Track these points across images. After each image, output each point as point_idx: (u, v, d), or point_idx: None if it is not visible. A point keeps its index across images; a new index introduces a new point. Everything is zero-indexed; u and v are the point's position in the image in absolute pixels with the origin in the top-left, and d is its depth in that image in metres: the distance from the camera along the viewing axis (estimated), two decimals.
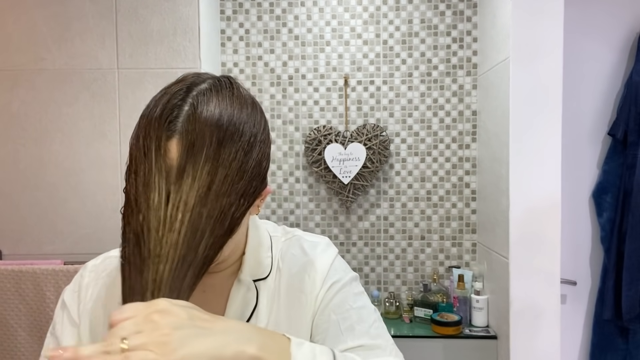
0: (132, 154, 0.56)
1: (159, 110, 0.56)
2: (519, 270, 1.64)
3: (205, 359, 0.47)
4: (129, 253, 0.53)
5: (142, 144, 0.55)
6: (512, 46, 1.63)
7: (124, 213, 0.55)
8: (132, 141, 0.57)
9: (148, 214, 0.53)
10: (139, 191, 0.54)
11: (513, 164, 1.64)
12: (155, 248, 0.53)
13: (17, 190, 1.75)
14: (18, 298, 1.65)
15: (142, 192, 0.54)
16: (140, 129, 0.57)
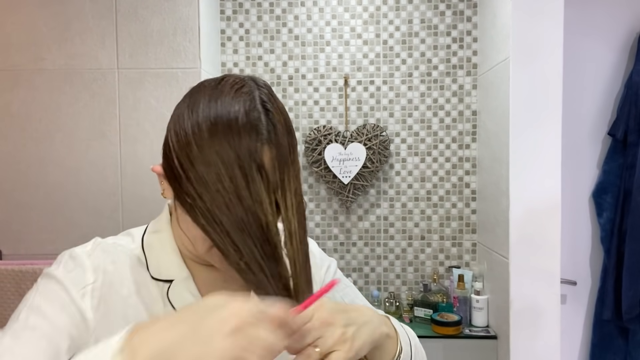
0: (213, 161, 0.58)
1: (242, 120, 0.58)
2: (519, 270, 1.64)
3: (368, 345, 0.60)
4: (254, 258, 0.57)
5: (234, 157, 0.57)
6: (512, 46, 1.63)
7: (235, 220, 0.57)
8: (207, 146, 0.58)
9: (268, 223, 0.58)
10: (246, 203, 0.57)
11: (513, 164, 1.64)
12: (281, 252, 0.59)
13: (17, 190, 1.75)
14: (18, 298, 1.65)
15: (251, 203, 0.57)
16: (218, 141, 0.58)
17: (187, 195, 0.59)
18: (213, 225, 0.58)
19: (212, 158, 0.58)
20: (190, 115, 0.60)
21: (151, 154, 1.75)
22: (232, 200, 0.57)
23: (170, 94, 1.75)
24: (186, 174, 0.59)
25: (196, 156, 0.58)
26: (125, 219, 1.74)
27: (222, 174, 0.57)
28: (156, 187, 1.85)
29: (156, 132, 1.75)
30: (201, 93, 0.62)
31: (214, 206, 0.57)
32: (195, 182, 0.58)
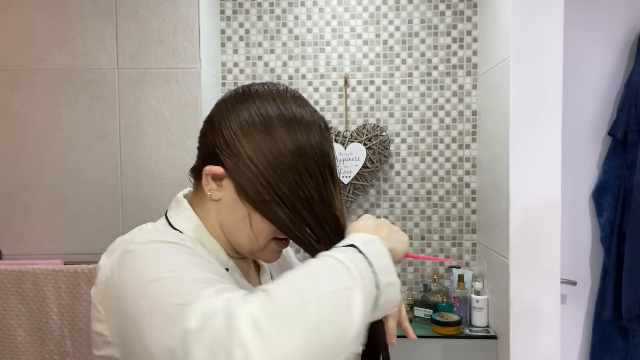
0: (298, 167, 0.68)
1: (321, 135, 0.71)
2: (519, 270, 1.64)
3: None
4: (328, 241, 0.68)
5: (314, 164, 0.69)
6: (512, 46, 1.63)
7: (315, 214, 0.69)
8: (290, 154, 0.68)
9: (343, 213, 0.72)
10: (316, 201, 0.69)
11: (513, 164, 1.64)
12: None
13: (17, 190, 1.75)
14: (18, 298, 1.65)
15: (321, 201, 0.69)
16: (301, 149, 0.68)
17: (265, 195, 0.67)
18: (295, 221, 0.68)
19: (296, 163, 0.67)
20: (267, 126, 0.68)
21: (151, 154, 1.75)
22: (313, 198, 0.68)
23: (170, 94, 1.75)
24: (266, 176, 0.67)
25: (279, 162, 0.67)
26: (125, 219, 1.74)
27: (305, 177, 0.68)
28: (156, 187, 1.84)
29: (156, 132, 1.75)
30: (265, 104, 0.70)
31: (297, 204, 0.67)
32: (275, 184, 0.67)
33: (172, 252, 0.62)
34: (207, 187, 0.71)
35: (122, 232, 0.75)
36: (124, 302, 0.57)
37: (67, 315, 1.64)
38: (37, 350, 1.66)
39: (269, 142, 0.67)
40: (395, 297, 0.60)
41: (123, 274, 0.60)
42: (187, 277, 0.56)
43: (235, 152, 0.68)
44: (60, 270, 1.64)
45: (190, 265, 0.59)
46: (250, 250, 0.73)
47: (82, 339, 1.65)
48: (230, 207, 0.71)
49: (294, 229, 0.68)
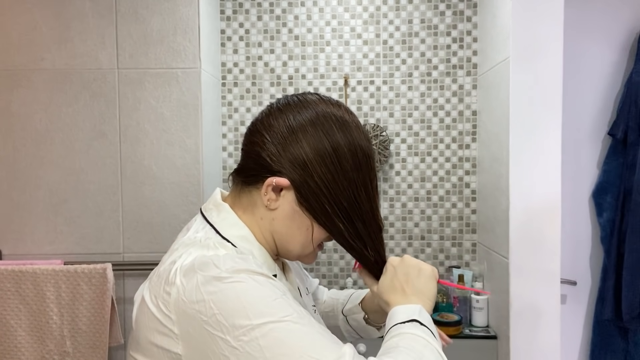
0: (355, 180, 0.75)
1: (371, 149, 0.78)
2: (519, 270, 1.64)
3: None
4: (375, 251, 0.81)
5: (367, 179, 0.76)
6: (512, 46, 1.63)
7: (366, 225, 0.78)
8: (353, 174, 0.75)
9: (382, 222, 0.81)
10: (368, 213, 0.77)
11: (513, 164, 1.64)
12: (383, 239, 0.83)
13: (17, 190, 1.75)
14: (18, 298, 1.65)
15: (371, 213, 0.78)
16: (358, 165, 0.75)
17: (327, 207, 0.73)
18: (350, 231, 0.76)
19: (354, 177, 0.74)
20: (331, 141, 0.73)
21: (151, 154, 1.75)
22: (365, 209, 0.76)
23: (170, 94, 1.75)
24: (329, 190, 0.73)
25: (340, 176, 0.73)
26: (125, 219, 1.74)
27: (360, 190, 0.75)
28: (156, 187, 1.84)
29: (156, 132, 1.75)
30: (327, 119, 0.74)
31: (353, 215, 0.75)
32: (337, 197, 0.73)
33: (276, 292, 0.65)
34: (267, 197, 0.74)
35: (122, 232, 0.76)
36: (230, 334, 0.60)
37: (67, 315, 1.64)
38: (37, 350, 1.66)
39: (335, 159, 0.73)
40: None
41: (222, 306, 0.61)
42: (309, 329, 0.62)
43: (303, 167, 0.72)
44: (60, 270, 1.64)
45: (300, 312, 0.64)
46: (297, 255, 0.80)
47: (82, 339, 1.65)
48: (289, 217, 0.75)
49: (349, 239, 0.77)
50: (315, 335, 0.61)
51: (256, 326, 0.59)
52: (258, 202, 0.75)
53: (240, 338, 0.59)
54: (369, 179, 0.76)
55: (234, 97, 2.17)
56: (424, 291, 0.76)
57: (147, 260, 1.70)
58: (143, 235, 1.74)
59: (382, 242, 0.81)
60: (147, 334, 0.65)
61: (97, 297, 1.64)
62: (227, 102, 2.16)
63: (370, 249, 0.79)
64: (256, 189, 0.75)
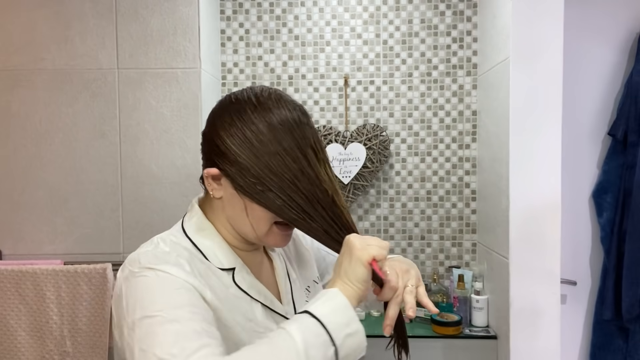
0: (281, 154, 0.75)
1: (294, 118, 0.77)
2: (519, 270, 1.64)
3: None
4: (325, 219, 0.77)
5: (295, 145, 0.76)
6: (512, 46, 1.63)
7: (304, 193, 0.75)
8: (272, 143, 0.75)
9: (333, 187, 0.78)
10: (302, 181, 0.75)
11: (513, 164, 1.64)
12: (343, 205, 0.79)
13: (17, 190, 1.75)
14: (18, 298, 1.65)
15: (313, 174, 0.76)
16: (279, 136, 0.75)
17: (257, 185, 0.75)
18: (287, 203, 0.75)
19: (276, 149, 0.74)
20: (245, 122, 0.76)
21: (151, 154, 1.75)
22: (299, 178, 0.75)
23: (170, 94, 1.75)
24: (253, 168, 0.74)
25: (261, 151, 0.74)
26: (125, 219, 1.74)
27: (287, 160, 0.74)
28: (156, 187, 1.85)
29: (156, 132, 1.75)
30: (242, 104, 0.78)
31: (285, 187, 0.74)
32: (262, 172, 0.74)
33: (165, 289, 0.70)
34: (210, 187, 0.81)
35: (122, 232, 0.79)
36: (126, 327, 0.68)
37: (67, 315, 1.64)
38: (37, 350, 1.66)
39: (251, 137, 0.75)
40: (360, 343, 0.69)
41: (128, 299, 0.69)
42: (171, 327, 0.64)
43: (225, 152, 0.77)
44: (60, 270, 1.64)
45: (177, 308, 0.67)
46: (256, 237, 0.81)
47: (82, 339, 1.65)
48: (230, 202, 0.79)
49: (288, 211, 0.76)
50: (175, 334, 0.63)
51: (137, 320, 0.66)
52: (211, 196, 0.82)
53: (130, 331, 0.66)
54: (296, 146, 0.75)
55: None
56: (348, 273, 0.71)
57: None
58: (143, 235, 1.72)
59: (336, 210, 0.77)
60: None
61: (97, 297, 1.64)
62: None
63: (318, 220, 0.76)
64: (206, 185, 0.82)
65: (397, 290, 0.75)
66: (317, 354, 0.63)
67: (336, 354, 0.65)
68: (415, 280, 0.78)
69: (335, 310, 0.68)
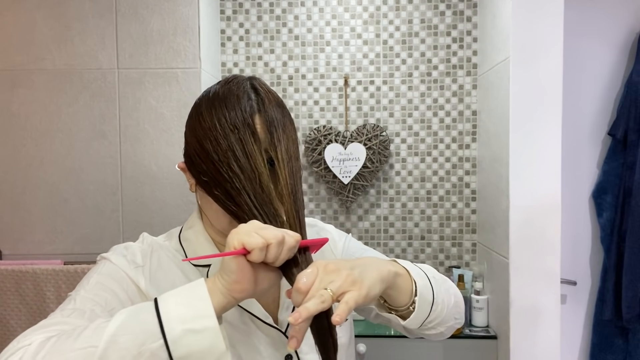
0: (213, 135, 0.69)
1: (233, 97, 0.72)
2: (519, 270, 1.64)
3: (378, 284, 0.65)
4: (250, 206, 0.67)
5: (231, 127, 0.69)
6: (512, 46, 1.63)
7: (229, 182, 0.68)
8: (208, 125, 0.71)
9: (259, 174, 0.68)
10: (241, 161, 0.68)
11: (513, 164, 1.64)
12: (274, 197, 0.68)
13: (17, 190, 1.75)
14: (18, 298, 1.65)
15: (245, 160, 0.68)
16: (217, 116, 0.70)
17: (202, 174, 0.71)
18: (220, 190, 0.68)
19: (213, 132, 0.69)
20: (195, 107, 0.76)
21: (151, 153, 1.75)
22: (231, 163, 0.68)
23: (170, 94, 1.75)
24: (198, 155, 0.71)
25: (201, 135, 0.71)
26: (125, 219, 1.74)
27: (221, 143, 0.69)
28: (156, 187, 1.85)
29: (156, 132, 1.75)
30: (201, 95, 0.78)
31: (220, 172, 0.68)
32: (204, 159, 0.70)
33: (98, 272, 0.77)
34: (189, 182, 0.79)
35: (122, 232, 0.81)
36: None
37: None
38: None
39: (196, 124, 0.73)
40: (210, 345, 0.56)
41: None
42: (68, 304, 0.72)
43: (185, 144, 0.77)
44: (60, 270, 1.64)
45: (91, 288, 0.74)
46: (224, 231, 0.73)
47: None
48: (200, 196, 0.78)
49: (229, 204, 0.68)
50: (65, 307, 0.71)
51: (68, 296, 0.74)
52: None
53: None
54: (234, 126, 0.69)
55: None
56: (223, 263, 0.64)
57: None
58: None
59: (272, 204, 0.67)
60: None
61: None
62: None
63: (248, 212, 0.67)
64: None
65: (306, 294, 0.60)
66: (128, 342, 0.55)
67: (167, 348, 0.55)
68: (342, 283, 0.61)
69: (187, 301, 0.58)
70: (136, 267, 0.76)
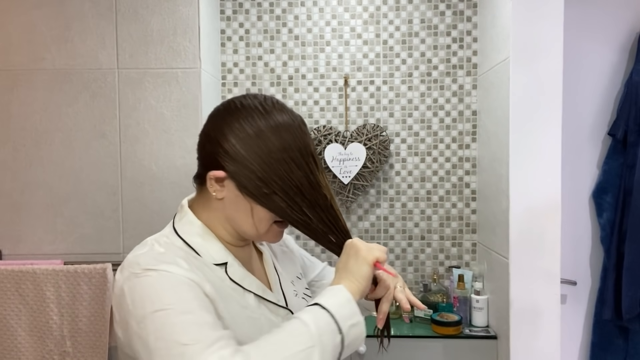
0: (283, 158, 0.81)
1: (296, 126, 0.83)
2: (519, 270, 1.64)
3: None
4: (322, 222, 0.85)
5: (298, 153, 0.82)
6: (512, 46, 1.63)
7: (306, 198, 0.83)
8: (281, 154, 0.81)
9: (330, 193, 0.86)
10: (305, 187, 0.82)
11: (513, 164, 1.64)
12: (338, 210, 0.87)
13: (17, 190, 1.75)
14: (18, 298, 1.65)
15: (309, 185, 0.83)
16: (284, 143, 0.81)
17: (263, 188, 0.80)
18: (290, 206, 0.81)
19: (282, 156, 0.80)
20: (254, 129, 0.81)
21: (151, 154, 1.75)
22: (302, 183, 0.82)
23: (170, 94, 1.75)
24: (260, 172, 0.80)
25: (269, 157, 0.80)
26: (125, 219, 1.74)
27: (292, 166, 0.81)
28: (156, 187, 1.84)
29: (156, 132, 1.75)
30: (249, 111, 0.83)
31: (289, 191, 0.81)
32: (269, 177, 0.80)
33: (170, 286, 0.74)
34: (212, 189, 0.84)
35: (122, 232, 0.79)
36: (134, 320, 0.72)
37: (67, 315, 1.64)
38: (37, 350, 1.66)
39: (260, 144, 0.80)
40: (361, 333, 0.78)
41: (133, 297, 0.74)
42: (185, 317, 0.70)
43: (233, 157, 0.81)
44: (60, 270, 1.64)
45: (186, 301, 0.73)
46: (255, 235, 0.87)
47: (82, 339, 1.65)
48: (234, 202, 0.84)
49: (291, 214, 0.82)
50: (191, 319, 0.70)
51: (148, 314, 0.71)
52: (211, 197, 0.85)
53: (140, 324, 0.71)
54: (300, 154, 0.82)
55: None
56: (353, 271, 0.81)
57: None
58: (143, 235, 1.71)
59: (333, 213, 0.85)
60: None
61: (97, 297, 1.64)
62: None
63: (318, 221, 0.84)
64: (208, 186, 0.86)
65: (389, 289, 0.87)
66: (328, 340, 0.72)
67: (342, 341, 0.74)
68: (402, 283, 0.91)
69: (341, 303, 0.76)
70: (193, 272, 0.78)
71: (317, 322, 0.73)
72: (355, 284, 0.80)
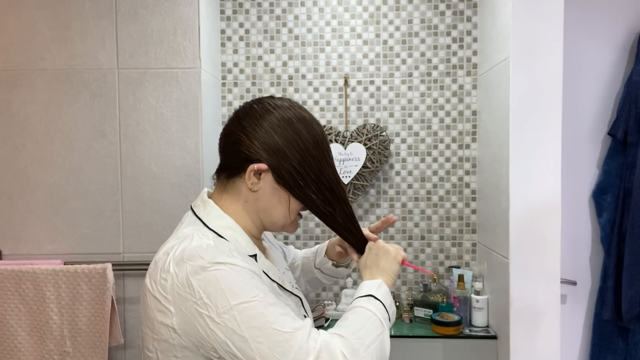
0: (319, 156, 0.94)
1: (323, 132, 0.96)
2: (519, 270, 1.64)
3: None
4: (344, 214, 0.98)
5: (329, 155, 0.96)
6: (512, 46, 1.63)
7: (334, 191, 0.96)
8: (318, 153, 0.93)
9: (344, 192, 0.98)
10: (333, 181, 0.95)
11: (513, 164, 1.64)
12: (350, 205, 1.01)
13: (17, 190, 1.75)
14: (18, 298, 1.65)
15: (335, 181, 0.96)
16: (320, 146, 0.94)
17: (299, 181, 0.91)
18: (320, 198, 0.94)
19: (316, 153, 0.92)
20: (294, 129, 0.92)
21: (151, 154, 1.75)
22: (331, 178, 0.94)
23: (170, 94, 1.75)
24: (300, 166, 0.91)
25: (306, 154, 0.91)
26: (125, 219, 1.75)
27: (323, 163, 0.93)
28: (156, 187, 1.84)
29: (156, 132, 1.75)
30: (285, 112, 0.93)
31: (320, 185, 0.93)
32: (306, 171, 0.91)
33: (246, 278, 0.81)
34: (250, 181, 0.91)
35: (122, 232, 0.79)
36: (214, 313, 0.77)
37: (67, 315, 1.65)
38: (37, 350, 1.66)
39: (298, 140, 0.91)
40: (394, 315, 0.98)
41: (208, 290, 0.78)
42: (273, 309, 0.80)
43: (277, 152, 0.90)
44: (60, 270, 1.64)
45: (266, 294, 0.82)
46: (282, 225, 0.97)
47: (82, 339, 1.65)
48: (270, 194, 0.92)
49: (321, 206, 0.94)
50: (278, 310, 0.80)
51: (233, 306, 0.77)
52: (243, 189, 0.93)
53: (222, 315, 0.77)
54: (327, 153, 0.95)
55: (234, 97, 2.17)
56: (387, 269, 0.99)
57: (147, 260, 1.68)
58: (143, 235, 1.74)
59: (350, 206, 0.99)
60: (149, 311, 0.83)
61: (97, 297, 1.64)
62: (227, 102, 2.16)
63: (340, 213, 0.97)
64: (240, 178, 0.93)
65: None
66: (386, 325, 0.90)
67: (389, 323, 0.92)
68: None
69: (385, 294, 0.94)
70: (250, 265, 0.85)
71: (380, 311, 0.90)
72: (389, 279, 0.98)
